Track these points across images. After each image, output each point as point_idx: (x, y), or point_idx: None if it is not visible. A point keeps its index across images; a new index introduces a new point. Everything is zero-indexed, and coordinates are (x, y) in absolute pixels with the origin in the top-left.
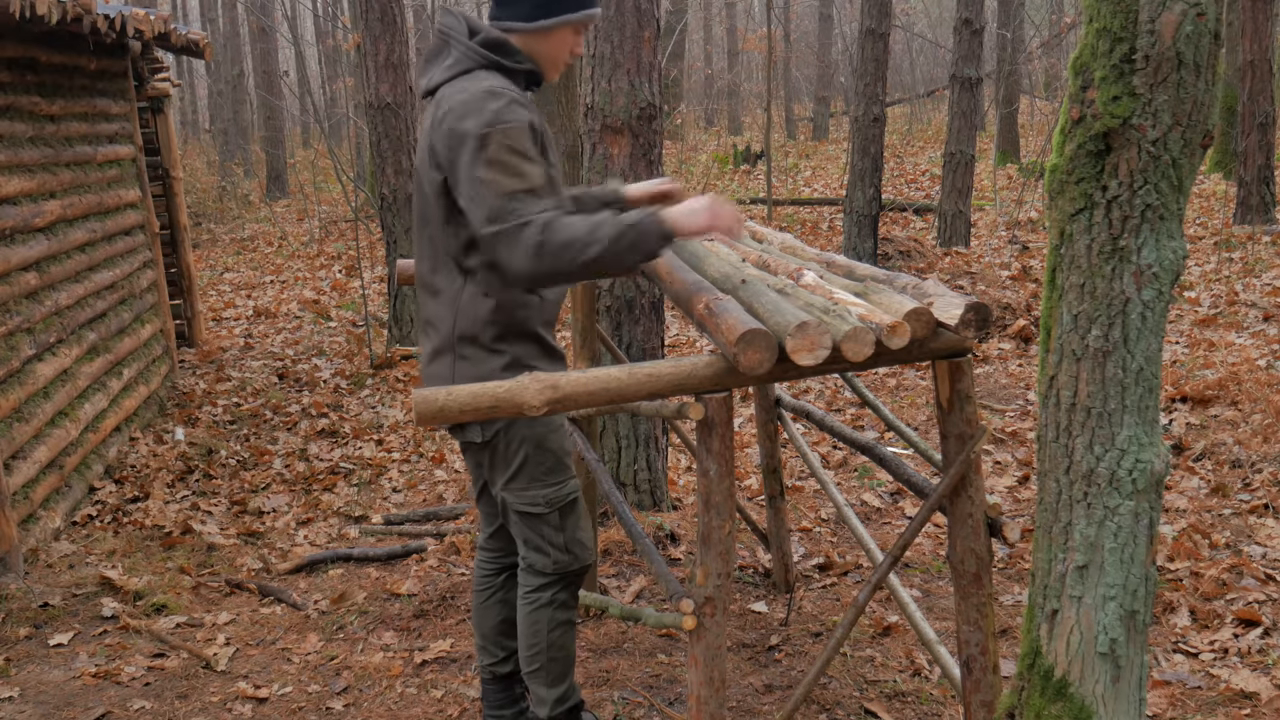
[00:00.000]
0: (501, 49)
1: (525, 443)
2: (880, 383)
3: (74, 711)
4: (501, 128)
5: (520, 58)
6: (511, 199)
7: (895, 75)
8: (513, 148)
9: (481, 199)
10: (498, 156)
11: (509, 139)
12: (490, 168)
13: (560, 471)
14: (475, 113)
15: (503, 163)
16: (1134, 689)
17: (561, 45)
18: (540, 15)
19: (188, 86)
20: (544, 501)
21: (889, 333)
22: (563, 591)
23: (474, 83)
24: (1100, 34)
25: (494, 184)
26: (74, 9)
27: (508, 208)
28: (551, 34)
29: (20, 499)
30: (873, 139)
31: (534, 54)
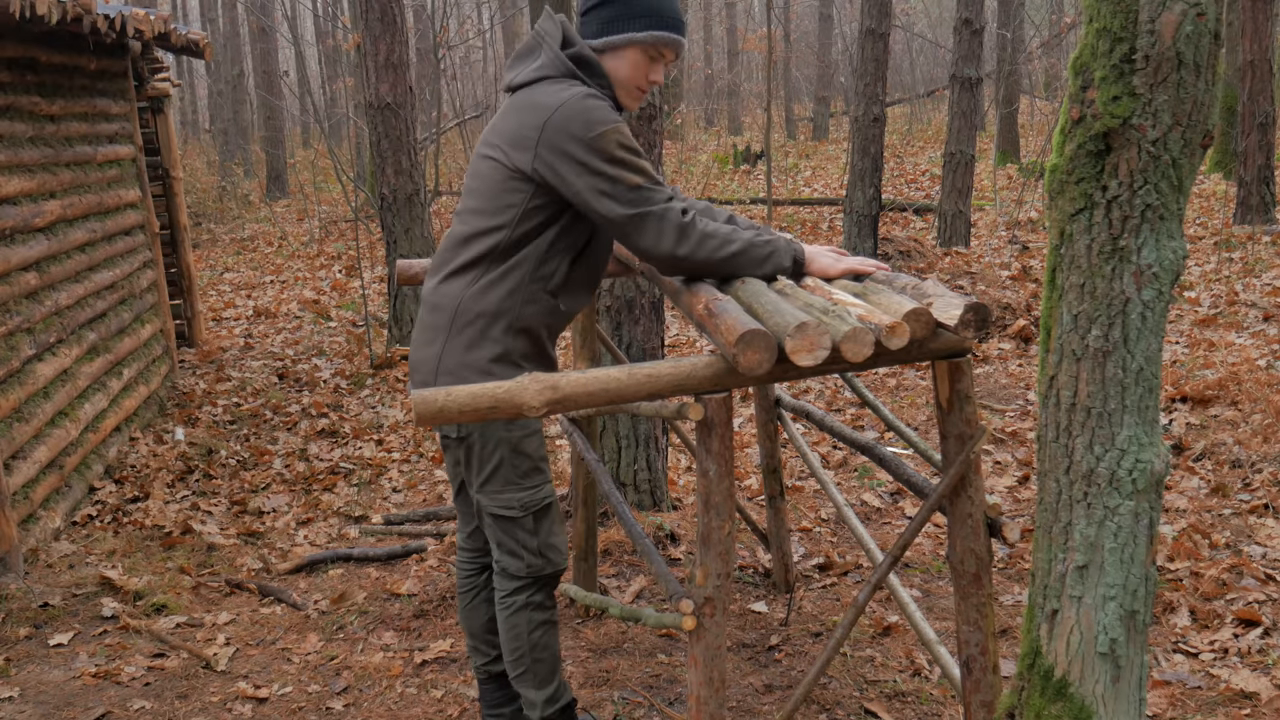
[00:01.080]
0: (585, 65)
1: (501, 445)
2: (880, 383)
3: (74, 711)
4: (612, 126)
5: (603, 80)
6: (643, 190)
7: (895, 75)
8: (625, 145)
9: (614, 193)
10: (617, 154)
11: (620, 136)
12: (614, 165)
13: (535, 475)
14: (583, 113)
15: (623, 160)
16: (1134, 689)
17: (632, 69)
18: (603, 33)
19: (188, 86)
20: (518, 505)
21: (888, 333)
22: (538, 593)
23: (566, 89)
24: (1100, 34)
25: (622, 179)
26: (74, 9)
27: (643, 196)
28: (619, 54)
29: (20, 499)
30: (873, 139)
31: (609, 74)
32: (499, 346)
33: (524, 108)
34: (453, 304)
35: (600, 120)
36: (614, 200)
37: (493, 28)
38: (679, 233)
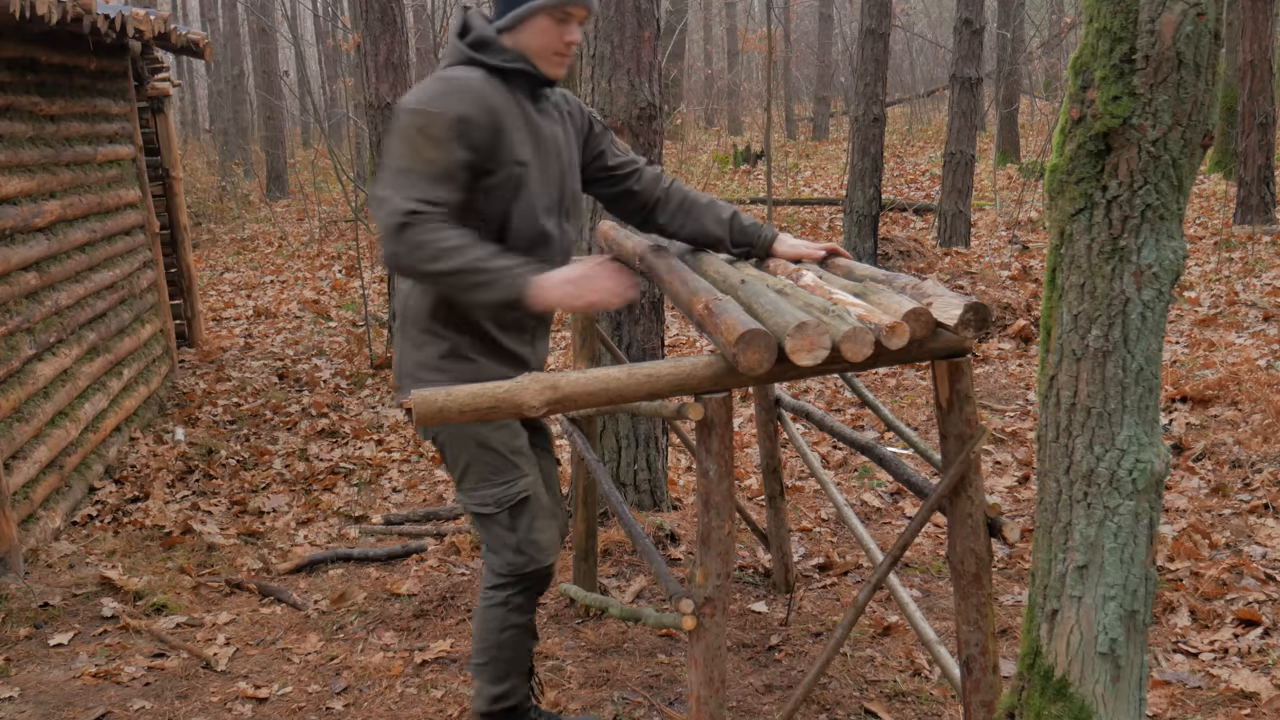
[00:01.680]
0: (484, 47)
1: (468, 442)
2: (880, 383)
3: (74, 711)
4: (426, 109)
5: (507, 55)
6: (401, 174)
7: (895, 75)
8: (425, 130)
9: (384, 165)
10: (408, 134)
11: (427, 121)
12: (399, 141)
13: (507, 470)
14: (415, 93)
15: (410, 140)
16: (1134, 689)
17: (544, 36)
18: (507, 10)
19: (188, 86)
20: (493, 501)
21: (888, 333)
22: (519, 594)
23: (441, 73)
24: (1100, 34)
25: (395, 156)
26: (74, 9)
27: (395, 180)
28: (526, 26)
29: (20, 499)
30: (873, 139)
31: (523, 50)
32: (445, 342)
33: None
34: (401, 306)
35: (423, 102)
36: (381, 172)
37: None
38: (393, 231)
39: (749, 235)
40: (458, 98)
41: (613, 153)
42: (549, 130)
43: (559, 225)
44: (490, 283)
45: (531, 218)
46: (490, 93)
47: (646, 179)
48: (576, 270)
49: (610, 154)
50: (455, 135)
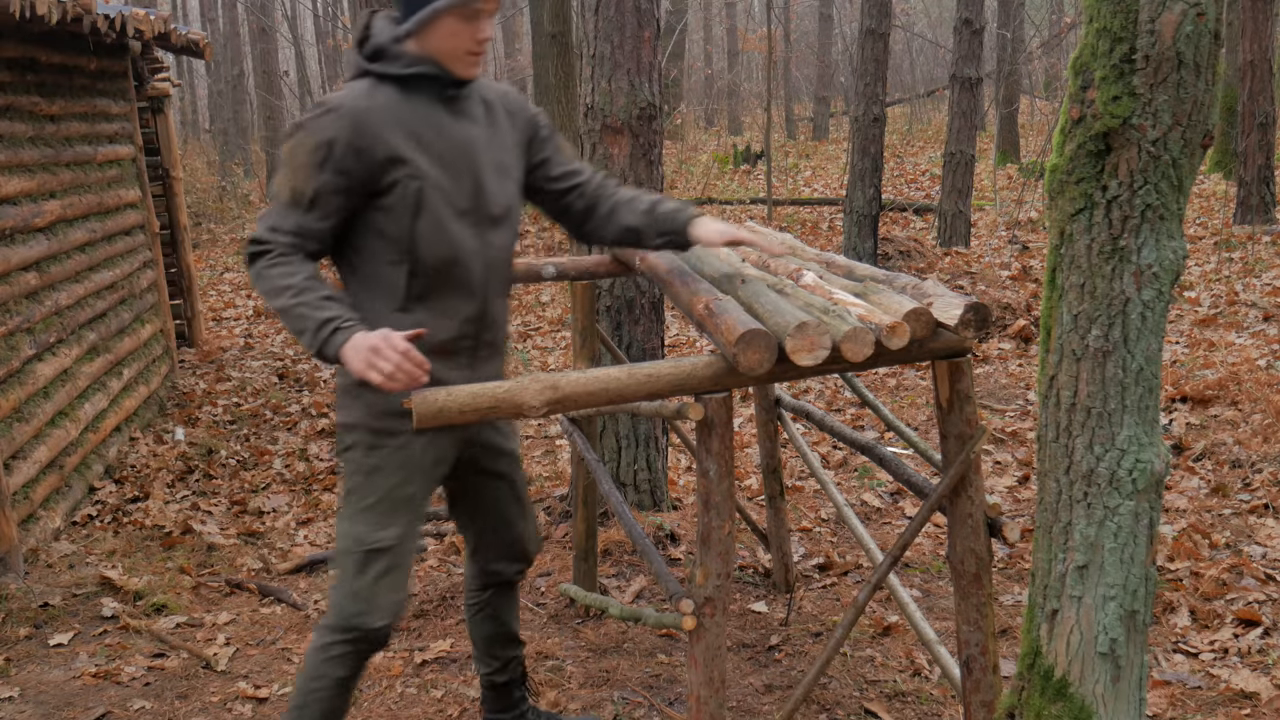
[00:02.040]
0: (380, 56)
1: (358, 469)
2: (880, 383)
3: (74, 711)
4: (298, 135)
5: (407, 61)
6: (270, 200)
7: (895, 75)
8: (292, 155)
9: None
10: (280, 159)
11: (294, 146)
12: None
13: (381, 516)
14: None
15: (281, 165)
16: (1134, 689)
17: (450, 37)
18: (409, 14)
19: (188, 86)
20: (353, 539)
21: (888, 333)
22: (342, 645)
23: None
24: (1100, 34)
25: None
26: (74, 9)
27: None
28: (433, 28)
29: (20, 499)
30: (873, 139)
31: (430, 53)
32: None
33: None
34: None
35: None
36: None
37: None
38: (244, 260)
39: (670, 222)
40: (329, 120)
41: (557, 162)
42: (462, 134)
43: (480, 236)
44: (303, 331)
45: (441, 232)
46: (373, 108)
47: (587, 194)
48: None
49: (554, 163)
50: (320, 160)
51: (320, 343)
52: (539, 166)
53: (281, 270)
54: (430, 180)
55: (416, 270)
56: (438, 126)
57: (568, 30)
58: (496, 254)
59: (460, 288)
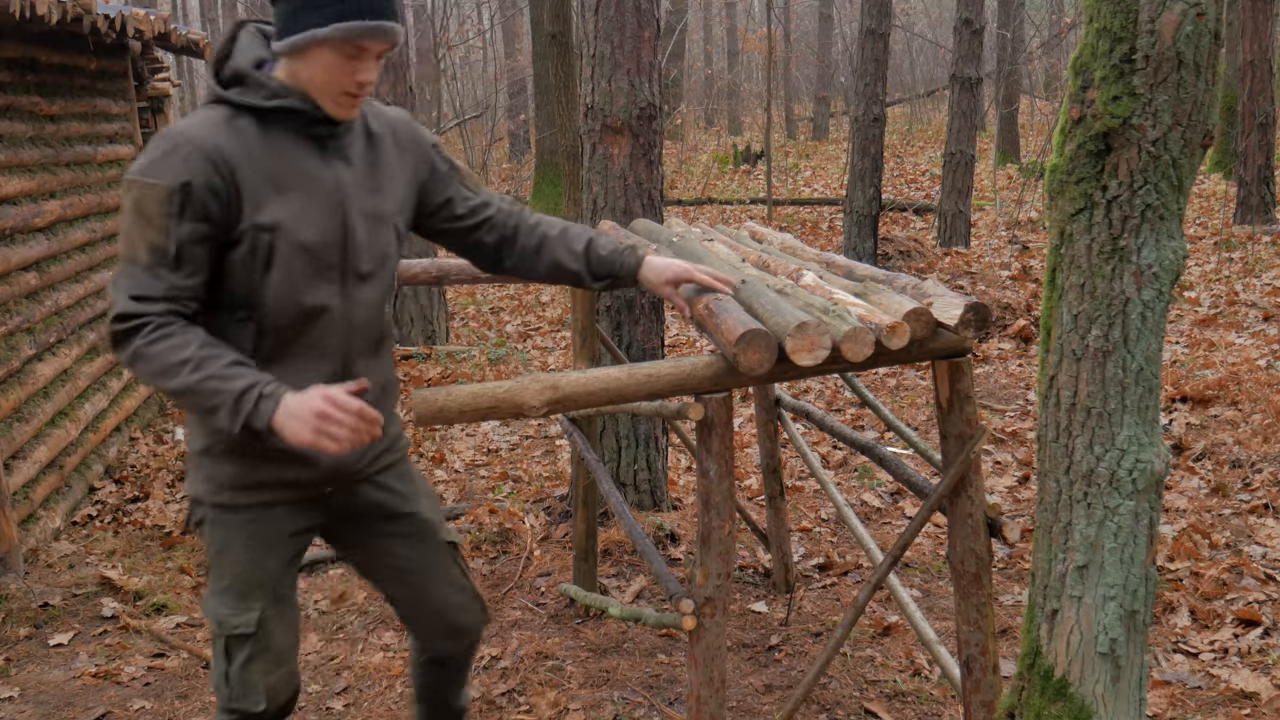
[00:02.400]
0: (239, 82)
1: (210, 545)
2: (880, 383)
3: (74, 711)
4: (141, 179)
5: (269, 91)
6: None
7: (895, 75)
8: (141, 207)
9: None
10: (126, 212)
11: (141, 194)
12: (122, 220)
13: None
14: (141, 156)
15: (129, 223)
16: (1134, 689)
17: (328, 73)
18: (285, 32)
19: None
20: (215, 621)
21: (888, 333)
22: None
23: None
24: (1100, 34)
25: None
26: (74, 9)
27: (117, 275)
28: (307, 56)
29: (20, 499)
30: (873, 139)
31: (302, 83)
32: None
33: None
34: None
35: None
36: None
37: (493, 28)
38: (111, 342)
39: (610, 265)
40: (180, 159)
41: (461, 198)
42: (330, 178)
43: (341, 293)
44: (217, 408)
45: (293, 290)
46: (227, 144)
47: (499, 225)
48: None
49: (458, 201)
50: (178, 208)
51: (244, 416)
52: (441, 207)
53: (166, 345)
54: (284, 232)
55: (264, 328)
56: (300, 169)
57: (568, 30)
58: (363, 311)
59: (315, 348)
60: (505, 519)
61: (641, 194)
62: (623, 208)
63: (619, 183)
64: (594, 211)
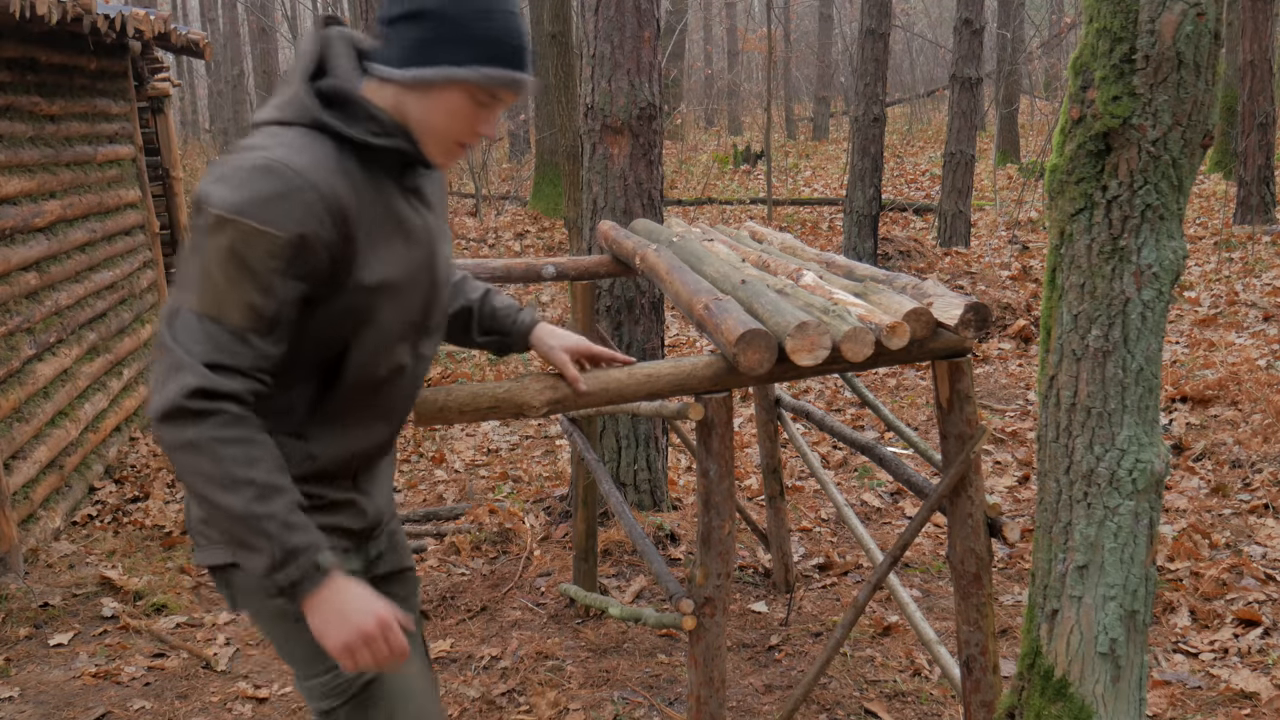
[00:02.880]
0: (344, 108)
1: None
2: (880, 383)
3: (74, 711)
4: (248, 224)
5: (379, 127)
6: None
7: (895, 75)
8: (245, 259)
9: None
10: (221, 257)
11: (248, 244)
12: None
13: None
14: (232, 182)
15: (224, 271)
16: (1134, 689)
17: (451, 117)
18: (411, 61)
19: (188, 86)
20: (328, 692)
21: (888, 333)
22: None
23: (269, 141)
24: (1100, 34)
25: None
26: (74, 9)
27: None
28: (433, 93)
29: (20, 499)
30: (873, 139)
31: (412, 121)
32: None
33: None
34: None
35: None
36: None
37: None
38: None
39: (500, 323)
40: (300, 205)
41: None
42: (421, 226)
43: (413, 352)
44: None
45: (376, 354)
46: (341, 186)
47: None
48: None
49: None
50: (288, 264)
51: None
52: None
53: (238, 451)
54: (388, 292)
55: (332, 393)
56: (399, 217)
57: (568, 30)
58: (421, 372)
59: (377, 411)
60: (505, 519)
61: (641, 194)
62: (623, 208)
63: (619, 183)
64: (594, 211)
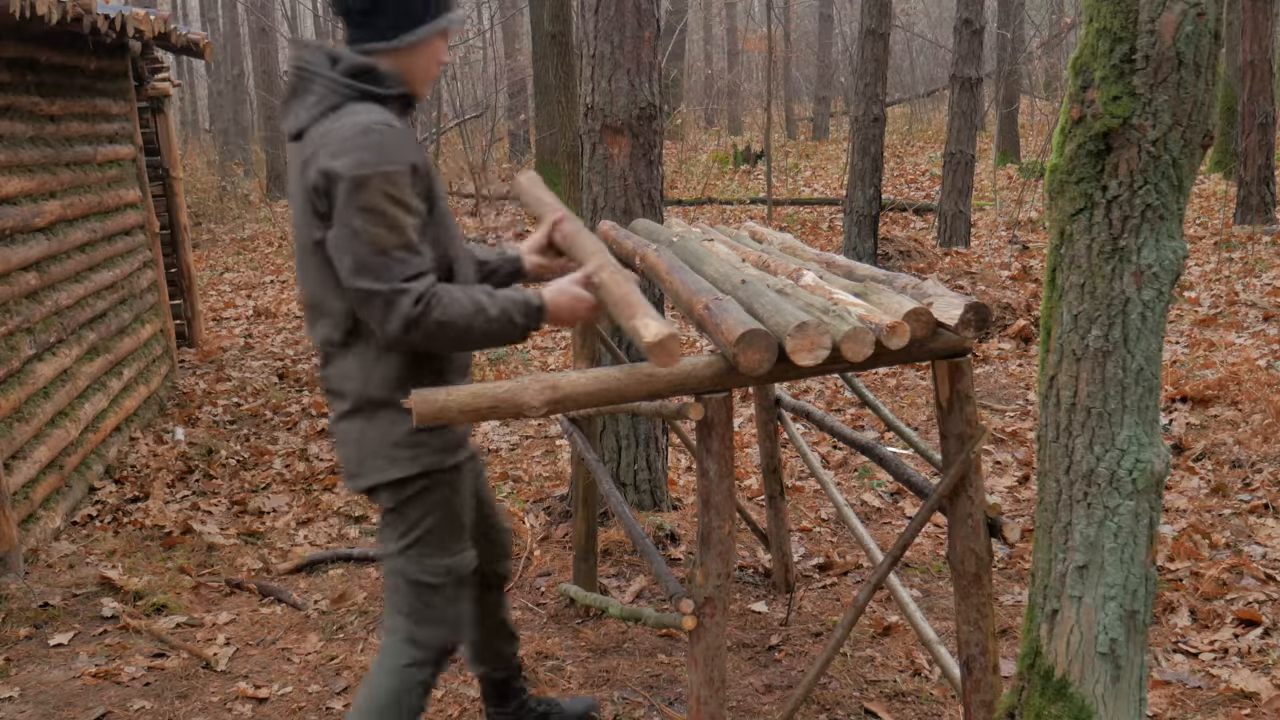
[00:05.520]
0: (370, 75)
1: (436, 509)
2: (880, 383)
3: (74, 711)
4: (381, 170)
5: (391, 82)
6: (387, 256)
7: (895, 75)
8: (391, 195)
9: (352, 250)
10: (374, 204)
11: (388, 184)
12: (365, 216)
13: (460, 543)
14: (350, 151)
15: (380, 212)
16: (1134, 689)
17: (430, 58)
18: (404, 30)
19: (188, 86)
20: (444, 571)
21: (888, 333)
22: (436, 671)
23: (347, 118)
24: (1100, 34)
25: (367, 235)
26: (74, 9)
27: (383, 265)
28: (419, 48)
29: (20, 499)
30: (873, 139)
31: (403, 73)
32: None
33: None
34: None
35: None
36: (348, 260)
37: (493, 28)
38: (405, 329)
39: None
40: (402, 144)
41: None
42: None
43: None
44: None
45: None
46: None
47: None
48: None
49: None
50: (412, 186)
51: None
52: None
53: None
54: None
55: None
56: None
57: (568, 30)
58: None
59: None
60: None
61: (641, 194)
62: (623, 208)
63: (619, 183)
64: (594, 211)
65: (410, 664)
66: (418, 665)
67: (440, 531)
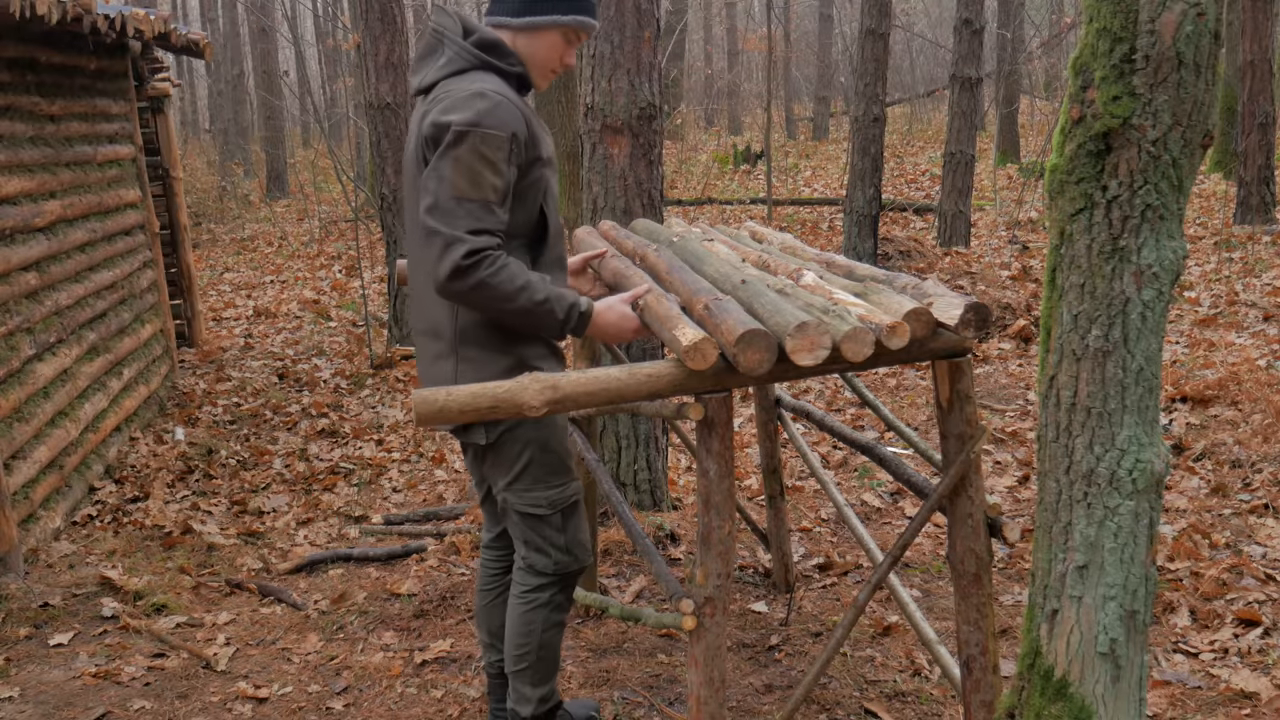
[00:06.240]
0: (495, 50)
1: (530, 444)
2: (880, 383)
3: (74, 711)
4: (481, 131)
5: (513, 59)
6: (459, 203)
7: (895, 75)
8: (483, 154)
9: (433, 190)
10: (465, 158)
11: (484, 144)
12: (454, 164)
13: (564, 473)
14: (460, 109)
15: (469, 165)
16: (1134, 689)
17: (550, 50)
18: (528, 11)
19: (188, 86)
20: (547, 503)
21: (889, 333)
22: (560, 593)
23: (467, 82)
24: (1100, 34)
25: (449, 181)
26: (74, 9)
27: (453, 211)
28: (539, 34)
29: (20, 499)
30: (873, 139)
31: (522, 55)
32: (509, 357)
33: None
34: (449, 329)
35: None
36: (427, 199)
37: None
38: (454, 274)
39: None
40: (508, 113)
41: None
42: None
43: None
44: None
45: (555, 214)
46: (518, 100)
47: None
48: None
49: None
50: (508, 154)
51: (573, 324)
52: None
53: (506, 275)
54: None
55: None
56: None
57: None
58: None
59: (560, 261)
60: None
61: (641, 194)
62: (623, 208)
63: (619, 183)
64: (594, 211)
65: (529, 589)
66: (536, 590)
67: (538, 467)
